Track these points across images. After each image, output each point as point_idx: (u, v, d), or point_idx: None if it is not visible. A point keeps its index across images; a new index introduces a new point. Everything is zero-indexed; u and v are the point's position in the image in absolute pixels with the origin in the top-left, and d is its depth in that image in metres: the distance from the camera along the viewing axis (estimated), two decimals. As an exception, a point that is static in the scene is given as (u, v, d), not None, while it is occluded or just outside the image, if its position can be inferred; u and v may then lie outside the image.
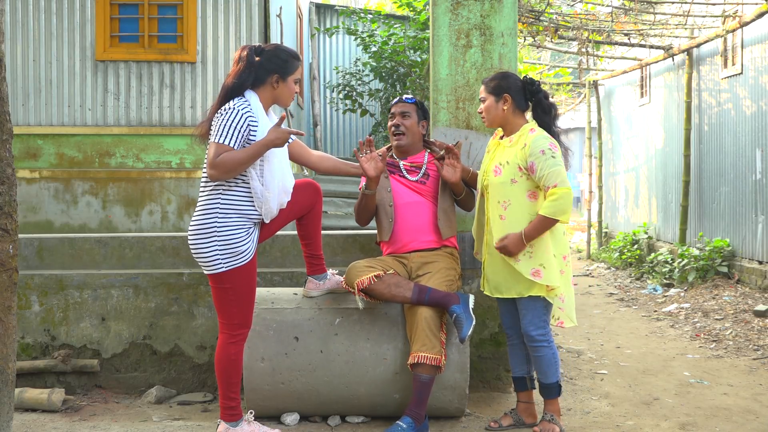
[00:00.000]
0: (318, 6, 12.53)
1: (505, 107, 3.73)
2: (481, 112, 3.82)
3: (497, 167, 3.74)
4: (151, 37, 7.62)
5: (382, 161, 3.80)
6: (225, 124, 3.31)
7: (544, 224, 3.60)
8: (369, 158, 3.79)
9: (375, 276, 3.71)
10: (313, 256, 3.86)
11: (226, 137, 3.30)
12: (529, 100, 3.79)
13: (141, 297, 4.46)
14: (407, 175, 4.04)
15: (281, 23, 8.58)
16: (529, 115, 3.84)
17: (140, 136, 7.60)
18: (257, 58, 3.44)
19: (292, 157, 3.75)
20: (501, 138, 3.83)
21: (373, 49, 10.51)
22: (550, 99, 3.84)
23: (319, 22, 12.37)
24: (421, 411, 3.63)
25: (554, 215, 3.58)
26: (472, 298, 3.73)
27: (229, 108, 3.35)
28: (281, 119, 3.39)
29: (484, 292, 3.88)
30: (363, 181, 4.08)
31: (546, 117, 3.76)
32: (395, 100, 4.13)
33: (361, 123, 12.26)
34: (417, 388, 3.63)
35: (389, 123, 4.10)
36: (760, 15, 7.60)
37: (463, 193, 4.03)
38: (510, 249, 3.63)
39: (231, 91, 3.40)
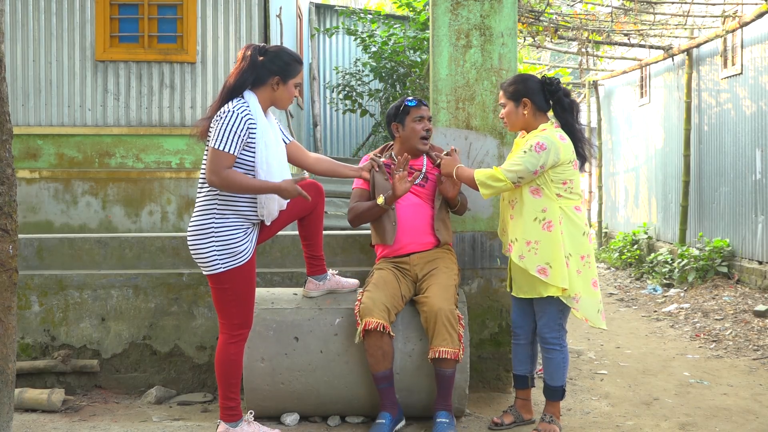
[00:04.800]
0: (318, 6, 12.52)
1: (526, 112, 3.72)
2: (502, 117, 3.81)
3: None
4: (151, 38, 7.62)
5: (411, 182, 3.85)
6: (224, 129, 3.30)
7: (470, 182, 3.71)
8: (402, 177, 3.81)
9: (383, 326, 3.61)
10: (314, 257, 3.87)
11: (225, 143, 3.29)
12: (549, 100, 3.76)
13: (141, 297, 4.46)
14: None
15: (281, 23, 8.58)
16: (551, 113, 3.82)
17: (140, 136, 7.60)
18: (261, 58, 3.44)
19: (290, 159, 3.75)
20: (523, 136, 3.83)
21: (373, 49, 10.51)
22: (571, 96, 3.80)
23: (318, 23, 12.37)
24: (450, 402, 3.71)
25: (479, 182, 3.64)
26: None
27: (228, 111, 3.33)
28: (301, 181, 3.45)
29: (511, 293, 3.87)
30: (357, 182, 4.10)
31: (567, 115, 3.74)
32: (413, 101, 4.03)
33: (360, 123, 12.26)
34: (442, 383, 3.69)
35: (418, 126, 4.00)
36: (760, 15, 7.60)
37: (458, 205, 4.06)
38: (447, 166, 3.81)
39: (232, 90, 3.40)
